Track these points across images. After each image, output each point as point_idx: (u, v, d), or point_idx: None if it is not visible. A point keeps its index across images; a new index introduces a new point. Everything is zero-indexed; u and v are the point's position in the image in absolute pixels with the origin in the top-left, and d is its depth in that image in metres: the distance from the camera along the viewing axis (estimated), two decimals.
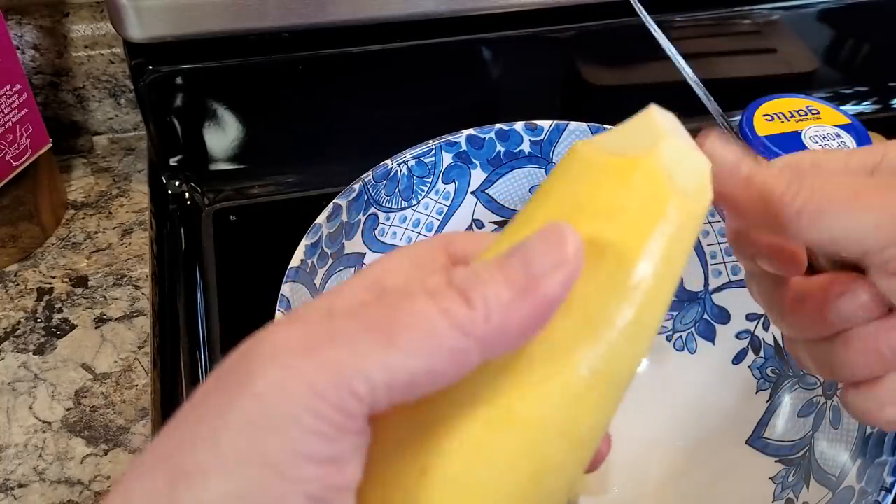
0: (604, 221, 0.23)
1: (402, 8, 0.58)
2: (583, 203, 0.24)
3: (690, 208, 0.24)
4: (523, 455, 0.22)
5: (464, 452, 0.21)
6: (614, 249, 0.23)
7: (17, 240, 0.57)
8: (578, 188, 0.24)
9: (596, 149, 0.25)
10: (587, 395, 0.22)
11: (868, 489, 0.36)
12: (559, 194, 0.25)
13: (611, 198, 0.23)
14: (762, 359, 0.46)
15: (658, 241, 0.23)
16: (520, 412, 0.22)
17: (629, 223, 0.23)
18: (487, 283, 0.20)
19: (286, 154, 0.67)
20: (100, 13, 0.63)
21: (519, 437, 0.22)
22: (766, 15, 0.68)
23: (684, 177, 0.24)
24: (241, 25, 0.57)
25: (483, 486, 0.21)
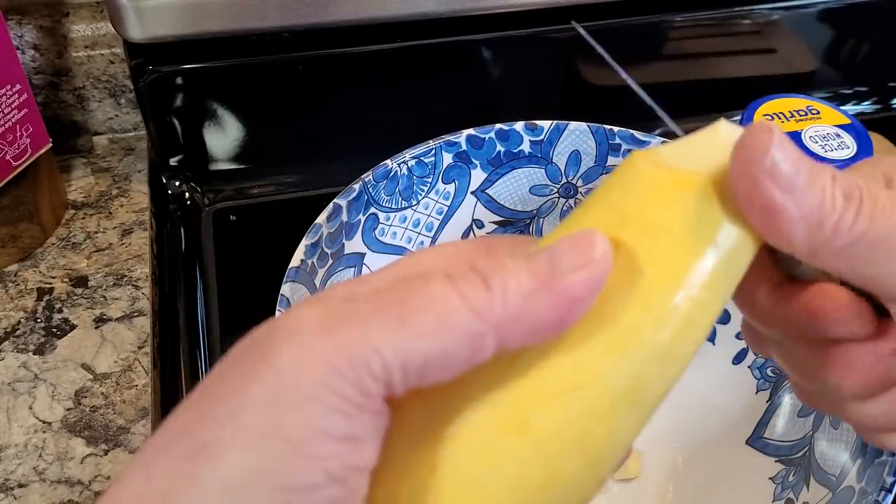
0: (648, 237, 0.22)
1: (402, 8, 0.58)
2: (629, 215, 0.23)
3: (744, 235, 0.22)
4: (534, 466, 0.21)
5: (473, 455, 0.21)
6: (655, 268, 0.22)
7: (17, 240, 0.57)
8: (627, 199, 0.23)
9: (653, 160, 0.24)
10: (608, 414, 0.21)
11: (868, 489, 0.36)
12: (606, 203, 0.23)
13: (660, 213, 0.22)
14: (762, 359, 0.46)
15: (704, 265, 0.22)
16: (535, 422, 0.21)
17: (675, 242, 0.22)
18: (510, 271, 0.20)
19: (286, 154, 0.67)
20: (100, 13, 0.63)
21: (531, 447, 0.21)
22: (766, 15, 0.68)
23: None
24: (242, 25, 0.57)
25: (489, 491, 0.21)
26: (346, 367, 0.19)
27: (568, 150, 0.49)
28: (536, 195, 0.50)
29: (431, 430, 0.22)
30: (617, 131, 0.48)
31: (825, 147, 0.53)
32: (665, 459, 0.48)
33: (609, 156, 0.49)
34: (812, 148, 0.53)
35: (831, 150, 0.53)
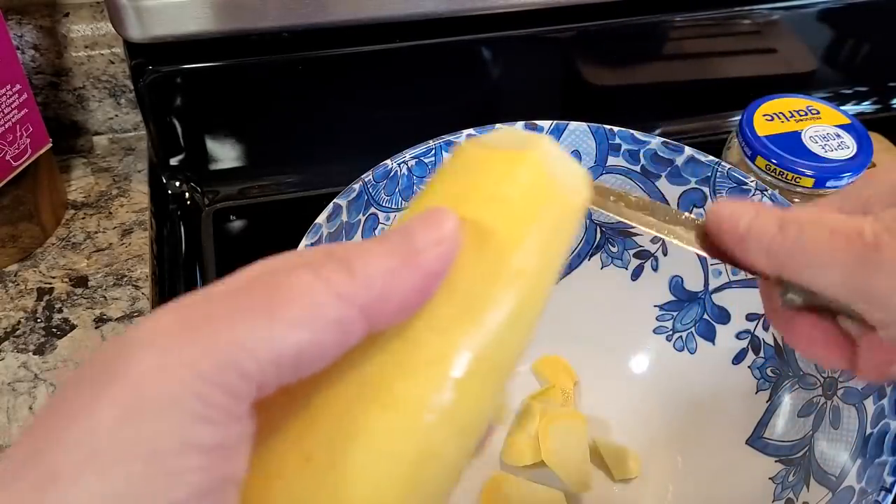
0: (487, 210, 0.23)
1: (402, 8, 0.58)
2: (467, 192, 0.24)
3: (571, 202, 0.25)
4: (406, 440, 0.21)
5: (345, 437, 0.21)
6: (496, 238, 0.23)
7: (17, 240, 0.57)
8: (465, 178, 0.25)
9: (479, 146, 0.25)
10: (469, 381, 0.22)
11: (868, 489, 0.36)
12: (447, 184, 0.25)
13: (494, 187, 0.24)
14: (762, 359, 0.46)
15: (540, 231, 0.24)
16: (402, 395, 0.21)
17: (512, 212, 0.24)
18: (369, 253, 0.20)
19: (286, 154, 0.67)
20: (100, 13, 0.63)
21: (400, 420, 0.21)
22: (766, 15, 0.68)
23: (563, 173, 0.25)
24: (242, 25, 0.57)
25: (364, 472, 0.21)
26: (213, 370, 0.18)
27: (568, 150, 0.49)
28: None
29: (300, 420, 0.21)
30: (617, 131, 0.48)
31: (825, 147, 0.53)
32: (665, 459, 0.48)
33: (609, 156, 0.49)
34: (812, 148, 0.53)
35: (831, 150, 0.53)
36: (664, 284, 0.50)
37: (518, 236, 0.23)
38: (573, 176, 0.25)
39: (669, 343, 0.51)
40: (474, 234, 0.23)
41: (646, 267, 0.51)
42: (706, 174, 0.47)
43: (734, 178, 0.47)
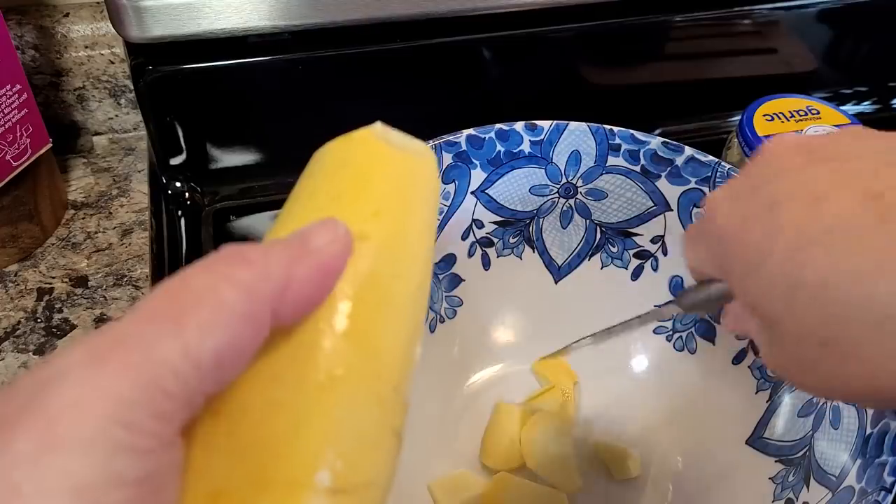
0: (339, 201, 0.25)
1: (402, 8, 0.58)
2: (315, 190, 0.26)
3: (405, 160, 0.26)
4: (338, 408, 0.21)
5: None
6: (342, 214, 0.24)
7: (17, 240, 0.57)
8: (317, 182, 0.27)
9: (325, 150, 0.28)
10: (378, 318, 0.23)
11: (868, 489, 0.36)
12: (302, 198, 0.26)
13: (339, 181, 0.26)
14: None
15: (376, 196, 0.25)
16: (333, 374, 0.21)
17: (350, 188, 0.25)
18: (265, 247, 0.21)
19: (286, 154, 0.67)
20: (100, 13, 0.63)
21: (328, 393, 0.21)
22: (766, 15, 0.68)
23: (404, 144, 0.27)
24: (242, 25, 0.57)
25: (311, 444, 0.20)
26: (135, 394, 0.17)
27: (568, 150, 0.49)
28: (536, 195, 0.50)
29: (216, 455, 0.20)
30: (617, 131, 0.48)
31: None
32: (665, 459, 0.48)
33: (609, 156, 0.49)
34: None
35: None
36: (664, 284, 0.50)
37: (356, 205, 0.24)
38: (414, 143, 0.27)
39: (669, 343, 0.51)
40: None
41: (646, 267, 0.51)
42: (706, 174, 0.47)
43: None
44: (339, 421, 0.21)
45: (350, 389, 0.21)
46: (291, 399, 0.20)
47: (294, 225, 0.23)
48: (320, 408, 0.20)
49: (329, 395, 0.21)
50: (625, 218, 0.50)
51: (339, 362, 0.21)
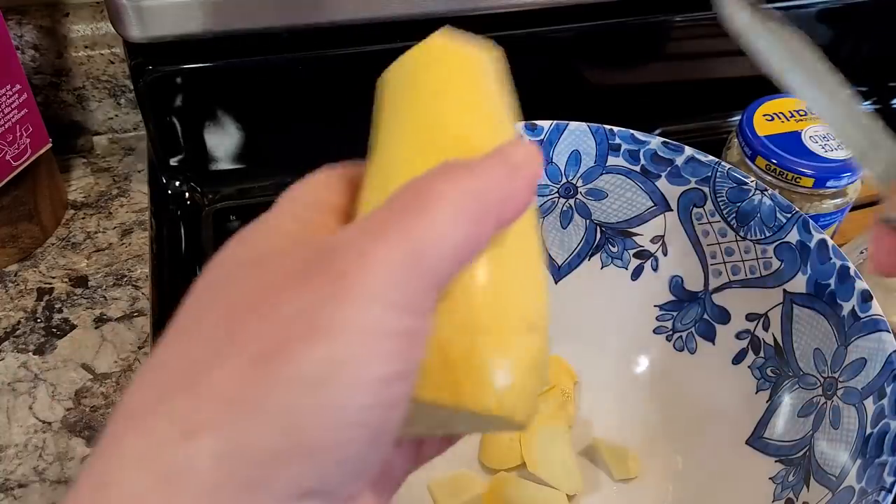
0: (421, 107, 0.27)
1: (402, 8, 0.58)
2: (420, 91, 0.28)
3: (475, 56, 0.28)
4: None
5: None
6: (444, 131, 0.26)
7: (17, 240, 0.57)
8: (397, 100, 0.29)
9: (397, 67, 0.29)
10: None
11: (868, 489, 0.36)
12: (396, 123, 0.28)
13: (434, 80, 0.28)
14: (762, 359, 0.46)
15: (460, 96, 0.27)
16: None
17: (434, 95, 0.27)
18: (486, 163, 0.23)
19: (286, 154, 0.67)
20: (100, 13, 0.63)
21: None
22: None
23: (467, 41, 0.28)
24: (241, 25, 0.57)
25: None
26: (403, 262, 0.20)
27: (568, 150, 0.49)
28: (536, 195, 0.50)
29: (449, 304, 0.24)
30: (617, 131, 0.48)
31: (825, 147, 0.53)
32: (665, 459, 0.48)
33: (609, 156, 0.49)
34: (812, 148, 0.53)
35: (831, 150, 0.53)
36: (664, 284, 0.50)
37: (446, 112, 0.26)
38: (475, 39, 0.28)
39: (669, 343, 0.51)
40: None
41: (646, 267, 0.51)
42: (706, 174, 0.47)
43: (734, 178, 0.47)
44: (521, 282, 0.25)
45: (531, 261, 0.26)
46: (497, 276, 0.24)
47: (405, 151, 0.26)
48: (503, 279, 0.25)
49: (519, 272, 0.25)
50: (625, 218, 0.50)
51: (523, 244, 0.26)
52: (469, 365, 0.23)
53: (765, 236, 0.46)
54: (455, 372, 0.23)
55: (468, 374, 0.23)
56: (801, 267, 0.44)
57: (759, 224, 0.46)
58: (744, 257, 0.47)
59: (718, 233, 0.48)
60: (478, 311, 0.24)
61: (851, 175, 0.52)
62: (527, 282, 0.26)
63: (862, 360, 0.40)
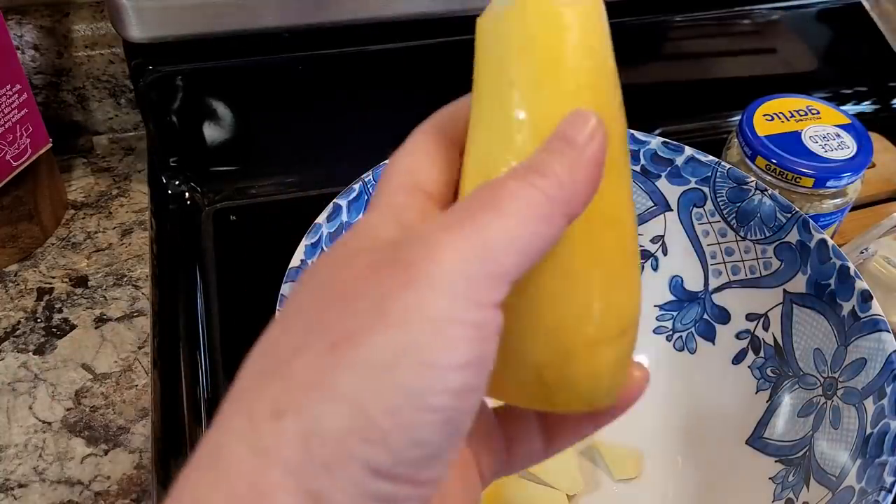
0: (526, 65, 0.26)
1: (402, 8, 0.58)
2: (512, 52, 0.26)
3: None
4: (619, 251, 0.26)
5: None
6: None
7: (17, 240, 0.57)
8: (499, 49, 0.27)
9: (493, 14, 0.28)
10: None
11: (868, 489, 0.36)
12: (493, 76, 0.27)
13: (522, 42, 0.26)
14: (762, 359, 0.46)
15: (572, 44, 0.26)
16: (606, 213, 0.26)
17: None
18: (551, 161, 0.24)
19: (286, 154, 0.67)
20: (100, 13, 0.63)
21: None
22: (766, 15, 0.68)
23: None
24: (241, 25, 0.57)
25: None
26: (472, 254, 0.21)
27: None
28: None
29: (522, 306, 0.25)
30: None
31: (825, 147, 0.53)
32: (665, 459, 0.48)
33: None
34: (812, 148, 0.53)
35: (831, 150, 0.53)
36: (664, 284, 0.50)
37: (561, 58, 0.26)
38: None
39: (669, 343, 0.51)
40: None
41: (646, 267, 0.51)
42: (706, 174, 0.47)
43: (734, 178, 0.47)
44: (605, 285, 0.26)
45: (605, 256, 0.26)
46: (563, 282, 0.25)
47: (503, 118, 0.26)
48: (588, 282, 0.25)
49: (591, 270, 0.25)
50: None
51: (588, 239, 0.25)
52: (562, 383, 0.25)
53: (765, 236, 0.46)
54: (548, 387, 0.25)
55: (560, 389, 0.25)
56: (801, 267, 0.44)
57: (759, 224, 0.46)
58: (744, 257, 0.47)
59: (718, 233, 0.48)
60: (567, 326, 0.25)
61: (851, 175, 0.52)
62: (617, 278, 0.26)
63: (862, 360, 0.40)
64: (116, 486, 0.46)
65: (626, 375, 0.27)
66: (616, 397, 0.27)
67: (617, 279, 0.26)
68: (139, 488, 0.46)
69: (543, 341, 0.25)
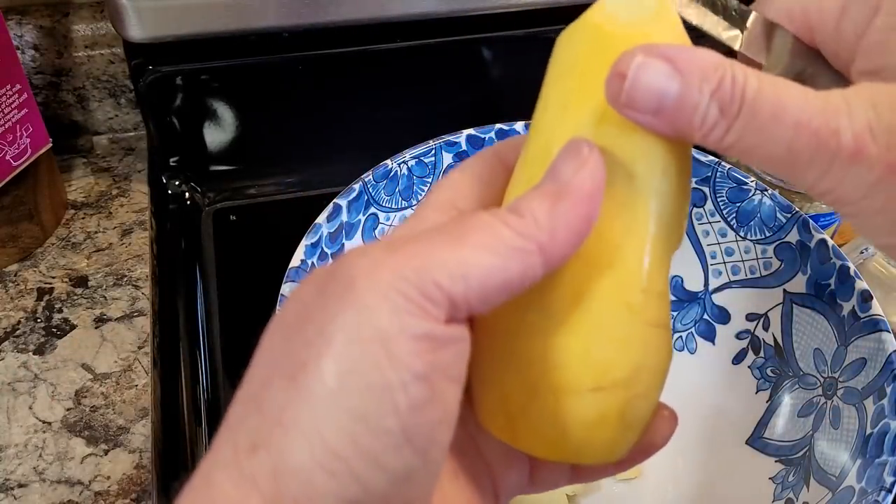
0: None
1: (402, 8, 0.58)
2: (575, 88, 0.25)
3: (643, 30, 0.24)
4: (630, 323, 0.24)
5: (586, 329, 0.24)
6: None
7: (17, 240, 0.57)
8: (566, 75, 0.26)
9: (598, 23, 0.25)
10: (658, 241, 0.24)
11: (868, 489, 0.36)
12: (561, 87, 0.26)
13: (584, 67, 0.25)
14: (762, 359, 0.46)
15: None
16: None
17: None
18: (528, 199, 0.23)
19: (286, 154, 0.67)
20: (100, 13, 0.63)
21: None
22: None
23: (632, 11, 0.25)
24: (241, 25, 0.57)
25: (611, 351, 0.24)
26: (412, 274, 0.21)
27: None
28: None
29: (492, 343, 0.25)
30: None
31: None
32: (665, 459, 0.48)
33: None
34: None
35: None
36: None
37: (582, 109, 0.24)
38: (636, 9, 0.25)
39: None
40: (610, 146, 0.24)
41: None
42: (706, 174, 0.47)
43: (734, 178, 0.47)
44: (587, 333, 0.24)
45: (595, 304, 0.24)
46: (544, 321, 0.24)
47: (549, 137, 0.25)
48: (569, 326, 0.24)
49: (575, 314, 0.24)
50: None
51: (582, 283, 0.24)
52: (524, 421, 0.25)
53: (765, 236, 0.46)
54: (513, 422, 0.25)
55: (523, 428, 0.25)
56: (801, 267, 0.44)
57: (759, 224, 0.46)
58: (744, 257, 0.47)
59: (718, 233, 0.48)
60: (520, 363, 0.24)
61: None
62: (605, 330, 0.24)
63: (862, 360, 0.40)
64: (116, 486, 0.46)
65: (617, 438, 0.25)
66: (597, 457, 0.25)
67: (604, 332, 0.24)
68: (139, 488, 0.46)
69: (514, 370, 0.24)
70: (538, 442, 0.25)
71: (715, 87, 0.23)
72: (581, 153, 0.23)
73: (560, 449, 0.25)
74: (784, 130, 0.22)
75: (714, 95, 0.23)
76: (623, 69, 0.23)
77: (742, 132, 0.23)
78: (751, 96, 0.23)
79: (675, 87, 0.23)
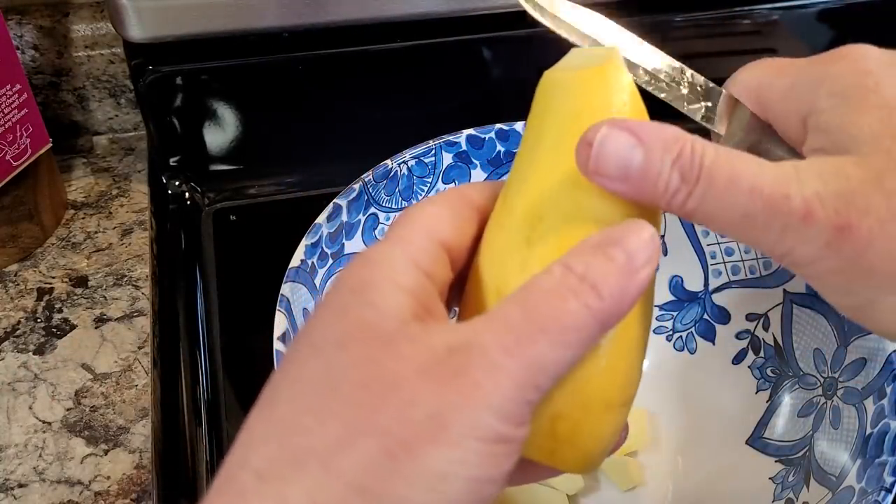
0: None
1: (402, 8, 0.58)
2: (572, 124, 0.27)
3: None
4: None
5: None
6: None
7: (17, 240, 0.57)
8: (562, 111, 0.28)
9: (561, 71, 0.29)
10: None
11: (868, 489, 0.36)
12: (551, 129, 0.28)
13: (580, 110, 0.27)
14: (762, 359, 0.46)
15: None
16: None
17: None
18: (608, 275, 0.24)
19: (286, 154, 0.67)
20: (100, 13, 0.63)
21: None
22: (766, 15, 0.68)
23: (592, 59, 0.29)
24: (241, 25, 0.57)
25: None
26: (527, 384, 0.22)
27: None
28: None
29: None
30: None
31: None
32: (665, 459, 0.48)
33: None
34: None
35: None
36: (664, 284, 0.50)
37: None
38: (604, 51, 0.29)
39: (669, 343, 0.51)
40: None
41: None
42: None
43: None
44: (620, 365, 0.27)
45: (626, 346, 0.27)
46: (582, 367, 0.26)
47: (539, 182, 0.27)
48: (607, 364, 0.26)
49: (610, 356, 0.26)
50: None
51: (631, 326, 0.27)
52: (571, 437, 0.26)
53: None
54: (555, 440, 0.26)
55: (566, 443, 0.27)
56: None
57: None
58: (744, 257, 0.47)
59: (718, 233, 0.48)
60: (592, 382, 0.26)
61: None
62: (638, 351, 0.28)
63: (862, 360, 0.40)
64: (116, 486, 0.46)
65: (609, 450, 0.28)
66: (592, 467, 0.28)
67: (637, 352, 0.27)
68: (139, 488, 0.46)
69: (569, 391, 0.26)
70: (574, 457, 0.27)
71: (675, 156, 0.25)
72: (653, 243, 0.25)
73: (590, 459, 0.28)
74: (739, 196, 0.25)
75: (675, 164, 0.25)
76: (590, 139, 0.25)
77: (702, 198, 0.25)
78: (708, 164, 0.25)
79: (639, 157, 0.25)
